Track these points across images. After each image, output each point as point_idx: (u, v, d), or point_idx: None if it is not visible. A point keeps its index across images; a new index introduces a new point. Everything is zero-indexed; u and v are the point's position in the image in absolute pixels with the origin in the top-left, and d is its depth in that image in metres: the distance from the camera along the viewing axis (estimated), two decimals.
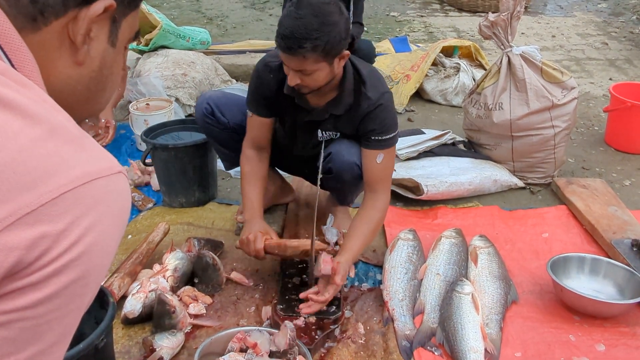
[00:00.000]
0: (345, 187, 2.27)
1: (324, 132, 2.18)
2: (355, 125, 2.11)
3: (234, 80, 4.11)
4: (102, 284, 1.91)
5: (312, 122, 2.15)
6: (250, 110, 2.19)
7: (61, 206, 0.57)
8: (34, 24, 0.67)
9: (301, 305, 1.94)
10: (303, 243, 2.06)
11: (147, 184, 2.85)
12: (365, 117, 2.06)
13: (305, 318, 1.91)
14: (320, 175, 2.06)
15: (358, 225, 2.09)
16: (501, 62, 2.87)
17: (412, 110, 3.81)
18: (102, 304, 1.61)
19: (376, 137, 2.07)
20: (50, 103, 0.63)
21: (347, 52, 1.93)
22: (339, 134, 2.17)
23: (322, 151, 2.16)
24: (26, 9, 0.66)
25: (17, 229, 0.55)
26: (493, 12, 2.87)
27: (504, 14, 2.79)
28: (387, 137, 2.08)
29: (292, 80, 1.92)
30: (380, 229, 2.53)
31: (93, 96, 0.78)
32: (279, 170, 2.57)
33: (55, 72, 0.71)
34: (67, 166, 0.59)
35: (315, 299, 1.92)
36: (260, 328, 1.84)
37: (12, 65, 0.65)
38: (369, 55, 3.22)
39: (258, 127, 2.20)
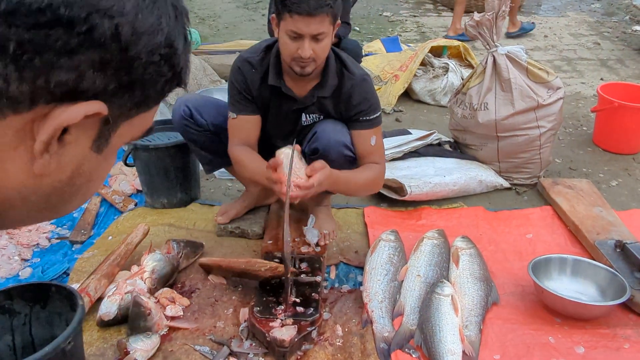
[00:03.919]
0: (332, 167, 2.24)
1: (307, 116, 2.21)
2: (340, 107, 2.16)
3: (223, 80, 4.08)
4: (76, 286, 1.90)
5: (298, 109, 2.18)
6: (235, 111, 2.17)
7: None
8: None
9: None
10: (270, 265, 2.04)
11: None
12: (350, 97, 2.13)
13: (281, 320, 1.89)
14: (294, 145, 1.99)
15: (355, 170, 2.15)
16: (486, 62, 2.86)
17: (401, 111, 3.79)
18: (73, 307, 1.59)
19: (365, 118, 2.15)
20: None
21: (339, 21, 2.06)
22: (322, 116, 2.20)
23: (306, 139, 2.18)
24: None
25: None
26: (479, 12, 2.86)
27: (489, 14, 2.77)
28: (375, 116, 2.17)
29: (307, 50, 1.97)
30: (363, 230, 2.52)
31: (51, 207, 0.59)
32: None
33: (4, 177, 0.53)
34: None
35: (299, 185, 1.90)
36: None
37: None
38: (356, 55, 3.20)
39: (244, 126, 2.18)
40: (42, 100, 0.51)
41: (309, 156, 2.17)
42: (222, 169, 2.60)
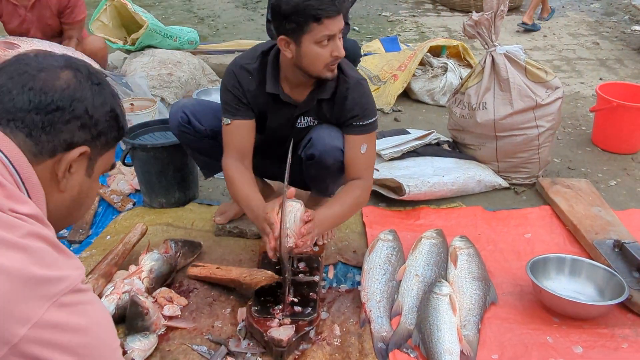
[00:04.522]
0: (327, 173, 2.20)
1: (303, 119, 2.18)
2: (336, 110, 2.13)
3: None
4: None
5: (298, 115, 2.16)
6: (229, 116, 2.12)
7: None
8: (36, 159, 0.97)
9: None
10: (257, 278, 2.01)
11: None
12: (345, 100, 2.09)
13: (279, 320, 1.89)
14: (289, 161, 1.95)
15: (338, 197, 2.12)
16: (485, 61, 2.85)
17: (399, 110, 3.79)
18: None
19: (358, 123, 2.11)
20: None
21: None
22: (317, 121, 2.18)
23: (294, 144, 2.15)
24: (31, 148, 0.97)
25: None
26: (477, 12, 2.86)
27: (487, 14, 2.77)
28: (368, 121, 2.12)
29: (342, 48, 1.96)
30: (361, 230, 2.52)
31: (71, 213, 1.09)
32: None
33: (48, 198, 1.00)
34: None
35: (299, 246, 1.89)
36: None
37: (29, 196, 0.95)
38: (354, 55, 3.20)
39: (239, 132, 2.13)
40: (58, 150, 0.99)
41: (305, 162, 2.17)
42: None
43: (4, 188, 0.89)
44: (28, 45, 2.99)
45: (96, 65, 3.15)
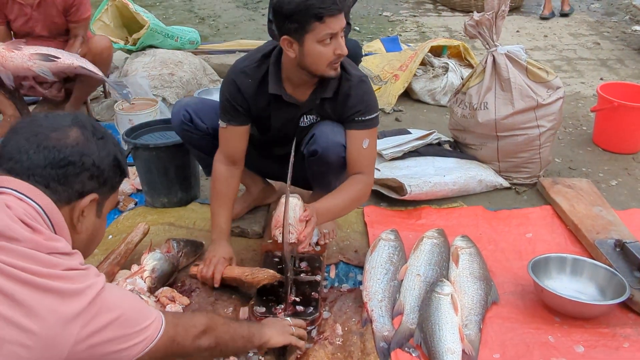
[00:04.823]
0: (330, 169, 2.21)
1: (306, 117, 2.19)
2: (338, 108, 2.13)
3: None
4: None
5: (301, 114, 2.17)
6: (225, 120, 2.15)
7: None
8: (57, 205, 1.17)
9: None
10: (259, 276, 2.03)
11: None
12: (348, 97, 2.10)
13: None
14: (292, 159, 2.00)
15: (340, 189, 2.13)
16: (486, 61, 2.86)
17: (400, 110, 3.80)
18: None
19: (360, 118, 2.11)
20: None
21: None
22: (319, 118, 2.19)
23: (297, 143, 2.17)
24: (51, 197, 1.16)
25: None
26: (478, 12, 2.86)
27: (488, 13, 2.77)
28: (370, 117, 2.13)
29: (344, 46, 1.97)
30: (363, 229, 2.53)
31: (87, 248, 1.30)
32: None
33: (72, 236, 1.22)
34: None
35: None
36: None
37: (55, 233, 1.16)
38: (356, 55, 3.20)
39: (233, 137, 2.16)
40: (73, 199, 1.20)
41: (308, 158, 2.17)
42: None
43: (42, 233, 1.11)
44: (32, 49, 2.99)
45: (99, 73, 3.13)
